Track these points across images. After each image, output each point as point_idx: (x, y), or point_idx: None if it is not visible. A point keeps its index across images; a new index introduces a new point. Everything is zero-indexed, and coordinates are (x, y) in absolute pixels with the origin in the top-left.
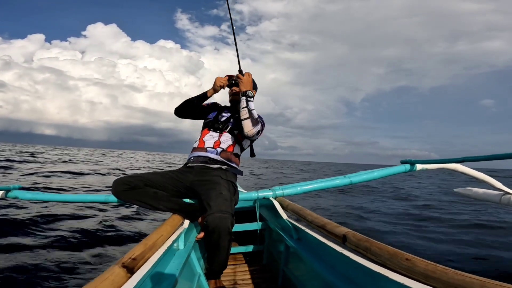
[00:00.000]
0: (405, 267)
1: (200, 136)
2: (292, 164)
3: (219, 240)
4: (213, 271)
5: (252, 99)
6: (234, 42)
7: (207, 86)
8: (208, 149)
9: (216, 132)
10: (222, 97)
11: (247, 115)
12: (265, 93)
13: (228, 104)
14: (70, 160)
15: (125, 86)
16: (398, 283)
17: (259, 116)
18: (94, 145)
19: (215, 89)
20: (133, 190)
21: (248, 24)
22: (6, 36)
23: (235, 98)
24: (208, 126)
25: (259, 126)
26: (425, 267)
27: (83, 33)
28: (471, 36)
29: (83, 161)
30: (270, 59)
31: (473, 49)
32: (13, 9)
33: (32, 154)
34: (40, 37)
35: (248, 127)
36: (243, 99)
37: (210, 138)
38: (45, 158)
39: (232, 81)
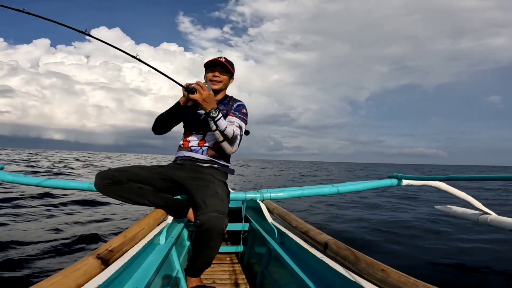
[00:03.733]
0: (380, 278)
1: (184, 137)
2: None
3: (211, 240)
4: (196, 269)
5: (218, 117)
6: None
7: None
8: (192, 148)
9: (199, 133)
10: None
11: (221, 138)
12: (269, 94)
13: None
14: None
15: (131, 89)
16: None
17: (237, 111)
18: (101, 149)
19: (186, 98)
20: (116, 185)
21: (250, 25)
22: (11, 42)
23: (213, 89)
24: (189, 129)
25: (238, 139)
26: (398, 279)
27: (87, 37)
28: (475, 33)
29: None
30: (272, 60)
31: (477, 45)
32: (16, 14)
33: None
34: (46, 42)
35: (227, 149)
36: (210, 121)
37: (194, 138)
38: None
39: (189, 90)
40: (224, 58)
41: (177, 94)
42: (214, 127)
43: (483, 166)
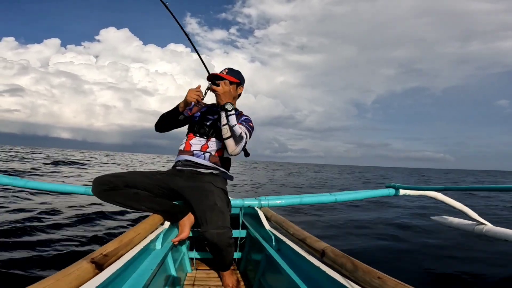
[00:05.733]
0: (376, 285)
1: (186, 139)
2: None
3: (221, 252)
4: (222, 267)
5: (232, 112)
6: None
7: None
8: (195, 152)
9: (203, 137)
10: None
11: (229, 134)
12: (275, 96)
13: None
14: None
15: (138, 90)
16: None
17: (244, 122)
18: (108, 148)
19: (186, 104)
20: (113, 190)
21: (256, 27)
22: (22, 41)
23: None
24: (194, 131)
25: (243, 142)
26: (394, 286)
27: (97, 37)
28: (484, 36)
29: None
30: (278, 62)
31: (486, 48)
32: (28, 14)
33: None
34: (56, 41)
35: (231, 147)
36: (222, 114)
37: (197, 142)
38: None
39: (206, 92)
40: (228, 69)
41: (184, 95)
42: (225, 121)
43: (492, 171)
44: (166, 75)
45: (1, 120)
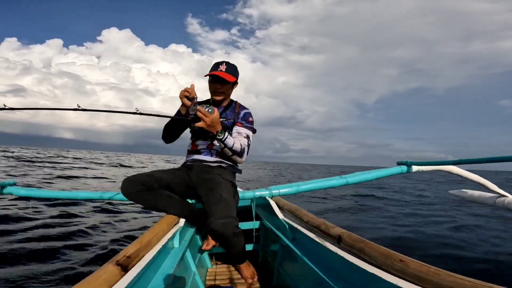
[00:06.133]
0: (398, 268)
1: (192, 141)
2: None
3: (228, 242)
4: (237, 259)
5: (224, 137)
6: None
7: None
8: (201, 151)
9: (207, 140)
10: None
11: (230, 153)
12: (276, 96)
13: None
14: None
15: (139, 90)
16: (391, 283)
17: (244, 121)
18: (110, 148)
19: (185, 105)
20: (148, 191)
21: (257, 28)
22: (25, 42)
23: (215, 100)
24: (196, 136)
25: (246, 151)
26: (418, 269)
27: (99, 38)
28: (485, 36)
29: None
30: (280, 62)
31: (487, 48)
32: (30, 14)
33: None
34: (58, 42)
35: (237, 160)
36: (218, 143)
37: (202, 142)
38: None
39: (193, 120)
40: (226, 64)
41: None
42: (222, 146)
43: (493, 171)
44: (168, 76)
45: (4, 121)
